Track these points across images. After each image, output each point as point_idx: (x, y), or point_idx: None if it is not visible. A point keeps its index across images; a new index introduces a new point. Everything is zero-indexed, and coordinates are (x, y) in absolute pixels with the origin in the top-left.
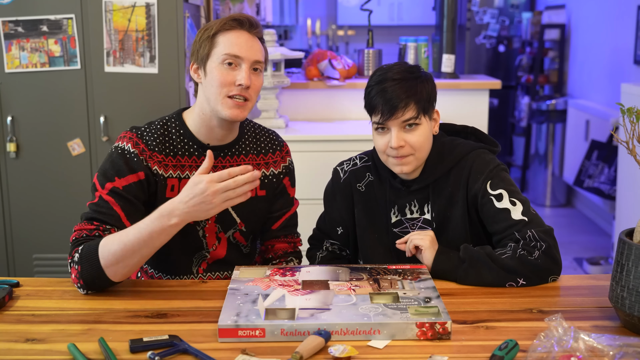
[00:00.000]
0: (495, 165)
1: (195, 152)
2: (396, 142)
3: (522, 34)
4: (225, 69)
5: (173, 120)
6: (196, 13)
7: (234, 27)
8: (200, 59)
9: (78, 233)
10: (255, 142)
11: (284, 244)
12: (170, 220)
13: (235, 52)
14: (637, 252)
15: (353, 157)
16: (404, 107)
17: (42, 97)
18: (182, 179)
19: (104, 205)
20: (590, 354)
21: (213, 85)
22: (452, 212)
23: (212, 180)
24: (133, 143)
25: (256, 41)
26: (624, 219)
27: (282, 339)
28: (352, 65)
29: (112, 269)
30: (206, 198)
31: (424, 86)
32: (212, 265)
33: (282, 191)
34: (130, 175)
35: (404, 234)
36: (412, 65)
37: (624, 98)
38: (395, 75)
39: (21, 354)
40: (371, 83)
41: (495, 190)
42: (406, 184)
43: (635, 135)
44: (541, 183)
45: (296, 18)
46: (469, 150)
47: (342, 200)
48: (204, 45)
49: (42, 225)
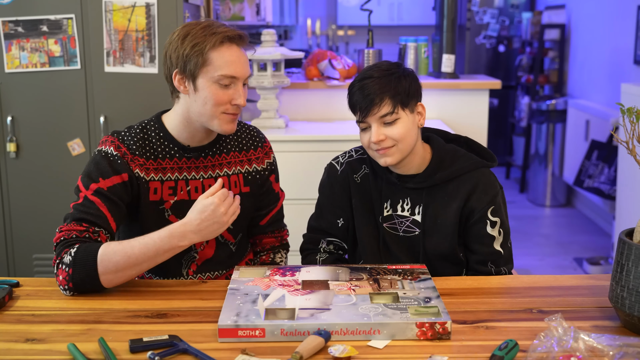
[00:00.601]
0: (498, 189)
1: (176, 155)
2: (375, 136)
3: (522, 34)
4: (220, 88)
5: (152, 123)
6: (196, 13)
7: (226, 43)
8: (188, 72)
9: (66, 234)
10: (236, 139)
11: (271, 239)
12: (181, 242)
13: (232, 73)
14: (637, 252)
15: (348, 150)
16: (379, 103)
17: (42, 97)
18: (164, 181)
19: (90, 205)
20: (590, 354)
21: (207, 103)
22: (443, 220)
23: (222, 200)
24: (115, 146)
25: (246, 55)
26: (624, 219)
27: (282, 339)
28: (352, 65)
29: (108, 276)
30: (220, 218)
31: (400, 81)
32: (202, 266)
33: (269, 189)
34: (114, 177)
35: (392, 230)
36: (393, 63)
37: (624, 98)
38: (374, 74)
39: (21, 354)
40: (353, 82)
41: (494, 217)
42: (402, 179)
43: (635, 135)
44: (541, 183)
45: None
46: (473, 167)
47: (340, 191)
48: (193, 60)
49: (42, 225)
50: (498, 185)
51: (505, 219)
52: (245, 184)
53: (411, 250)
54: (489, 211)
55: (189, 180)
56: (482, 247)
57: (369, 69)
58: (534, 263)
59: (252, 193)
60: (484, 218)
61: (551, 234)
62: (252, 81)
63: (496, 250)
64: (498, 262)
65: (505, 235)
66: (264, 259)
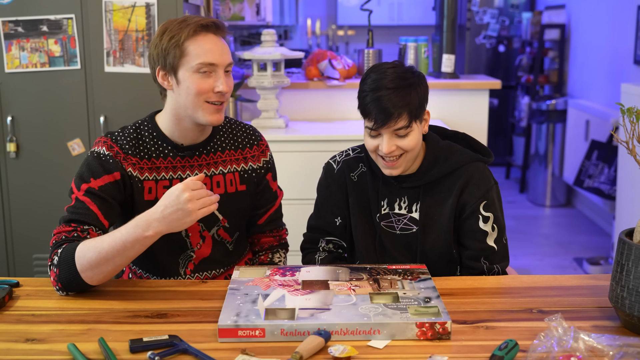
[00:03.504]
0: (492, 184)
1: (169, 154)
2: (387, 148)
3: (522, 34)
4: (201, 77)
5: (146, 123)
6: (196, 13)
7: (201, 32)
8: (169, 67)
9: (57, 236)
10: (231, 137)
11: (269, 238)
12: (146, 232)
13: (210, 60)
14: (637, 252)
15: (345, 150)
16: (397, 117)
17: (42, 97)
18: (158, 180)
19: (80, 206)
20: (590, 354)
21: (190, 94)
22: (439, 216)
23: (187, 187)
24: (107, 146)
25: (224, 43)
26: (624, 219)
27: (282, 339)
28: (352, 65)
29: (87, 274)
30: (183, 205)
31: (416, 93)
32: (199, 265)
33: (266, 187)
34: (105, 176)
35: (389, 228)
36: (405, 69)
37: (624, 98)
38: (389, 84)
39: (21, 354)
40: (365, 88)
41: (486, 212)
42: (398, 178)
43: (635, 135)
44: (541, 183)
45: (296, 18)
46: (467, 160)
47: (337, 190)
48: (172, 53)
49: (42, 225)
50: (492, 181)
51: (499, 214)
52: (241, 182)
53: (407, 248)
54: (481, 206)
55: (184, 179)
56: (474, 242)
57: (381, 76)
58: (534, 263)
59: (249, 192)
60: (476, 213)
61: (551, 234)
62: (252, 81)
63: (489, 246)
64: (492, 258)
65: (500, 231)
66: (262, 259)
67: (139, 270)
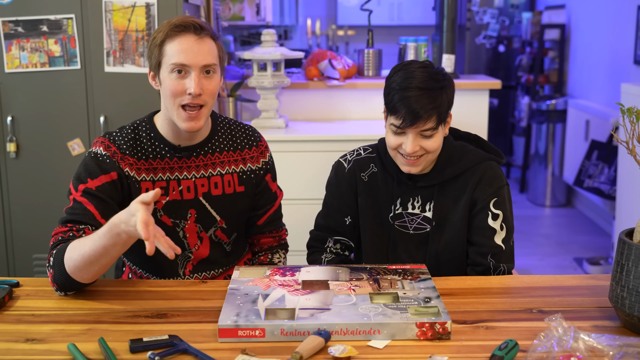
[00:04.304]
0: (504, 183)
1: (167, 155)
2: (411, 148)
3: (522, 34)
4: (175, 78)
5: (144, 123)
6: (196, 13)
7: (179, 33)
8: (154, 67)
9: (55, 238)
10: (230, 138)
11: (269, 239)
12: (120, 235)
13: (182, 61)
14: (637, 252)
15: (356, 149)
16: (426, 119)
17: (42, 97)
18: (155, 181)
19: (78, 207)
20: (590, 354)
21: (166, 95)
22: (453, 214)
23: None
24: (105, 147)
25: (205, 43)
26: (624, 219)
27: (282, 339)
28: (352, 65)
29: (77, 274)
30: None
31: (446, 96)
32: (198, 266)
33: (265, 188)
34: (102, 176)
35: (402, 228)
36: (437, 70)
37: (624, 98)
38: (420, 84)
39: (21, 354)
40: (394, 86)
41: (496, 209)
42: (413, 178)
43: (635, 135)
44: (541, 183)
45: (296, 18)
46: (481, 159)
47: (347, 189)
48: (154, 54)
49: (42, 225)
50: (504, 180)
51: (509, 215)
52: (240, 183)
53: (421, 247)
54: (491, 203)
55: (181, 180)
56: (482, 238)
57: (412, 74)
58: (534, 263)
59: (247, 193)
60: (485, 209)
61: (551, 234)
62: (252, 81)
63: (497, 244)
64: (499, 257)
65: (508, 232)
66: (262, 260)
67: (139, 270)
